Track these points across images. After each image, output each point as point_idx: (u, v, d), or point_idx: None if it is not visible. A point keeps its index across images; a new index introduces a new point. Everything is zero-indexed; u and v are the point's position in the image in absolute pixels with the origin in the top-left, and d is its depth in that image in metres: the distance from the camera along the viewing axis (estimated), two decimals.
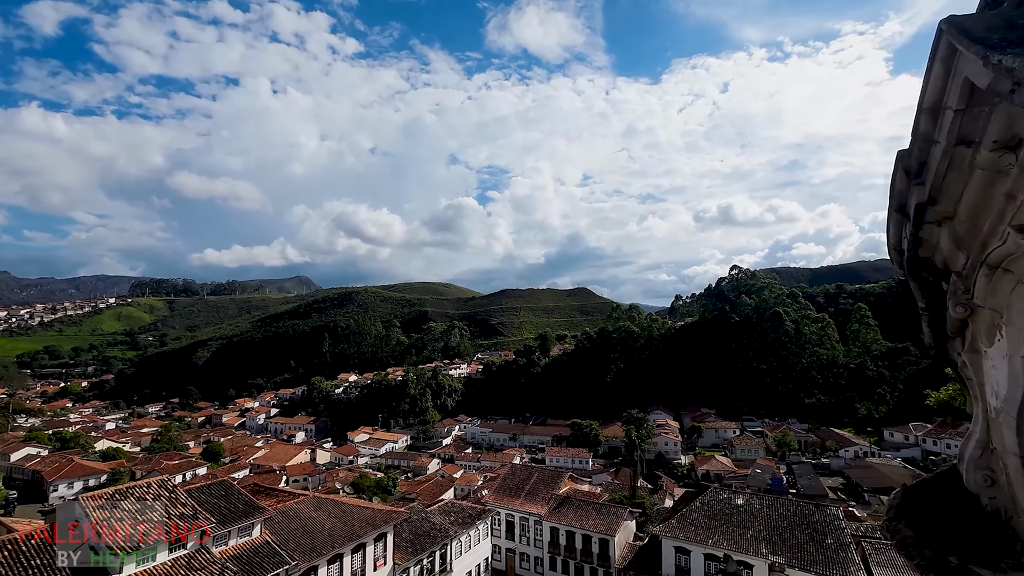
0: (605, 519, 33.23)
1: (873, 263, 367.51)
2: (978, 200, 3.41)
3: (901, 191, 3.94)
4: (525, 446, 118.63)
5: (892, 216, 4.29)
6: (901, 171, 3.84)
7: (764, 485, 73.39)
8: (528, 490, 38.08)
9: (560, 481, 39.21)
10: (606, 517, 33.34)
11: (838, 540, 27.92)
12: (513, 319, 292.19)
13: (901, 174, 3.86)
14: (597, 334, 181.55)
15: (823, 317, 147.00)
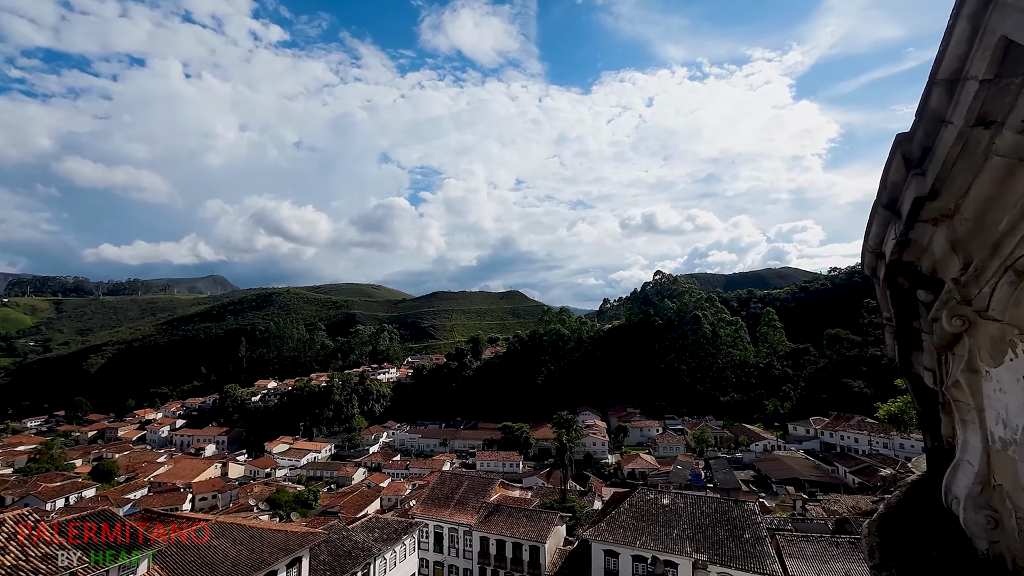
0: (536, 526, 32.81)
1: (777, 271, 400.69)
2: (991, 194, 2.88)
3: (896, 183, 3.40)
4: (456, 451, 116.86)
5: (878, 213, 3.78)
6: (899, 159, 3.29)
7: (685, 481, 76.81)
8: (458, 499, 36.91)
9: (491, 488, 38.38)
10: (537, 524, 32.94)
11: (755, 534, 29.22)
12: (445, 322, 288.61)
13: (899, 162, 3.31)
14: (529, 337, 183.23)
15: (736, 320, 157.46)
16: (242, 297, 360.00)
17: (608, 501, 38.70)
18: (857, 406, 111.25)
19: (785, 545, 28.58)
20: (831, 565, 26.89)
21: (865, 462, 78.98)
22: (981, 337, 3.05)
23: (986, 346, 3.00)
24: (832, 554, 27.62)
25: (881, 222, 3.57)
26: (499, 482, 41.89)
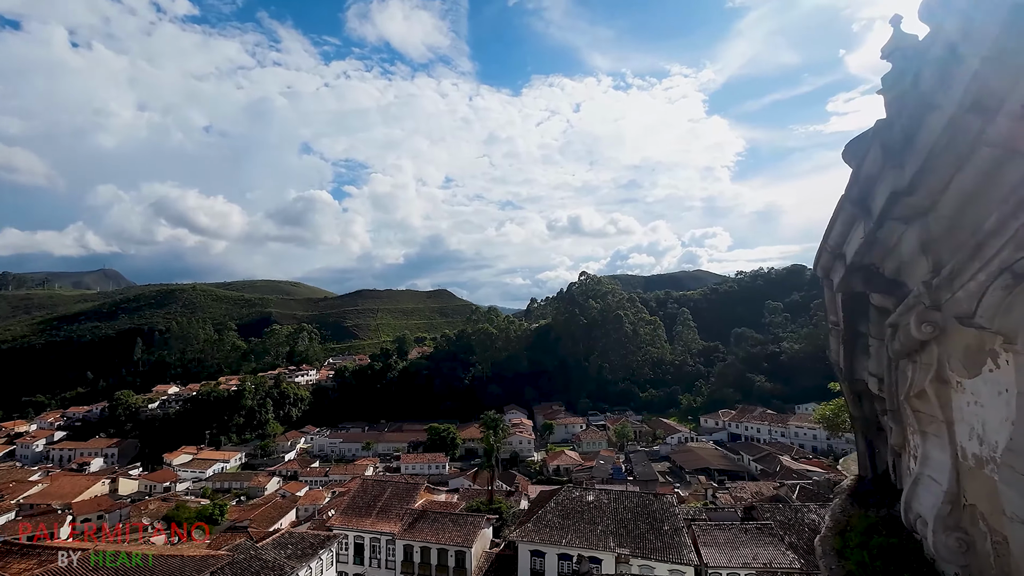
0: (462, 530, 32.12)
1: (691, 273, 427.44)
2: (975, 189, 2.62)
3: (870, 176, 3.08)
4: (379, 455, 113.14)
5: (844, 210, 3.50)
6: (877, 149, 2.97)
7: (607, 474, 79.40)
8: (381, 507, 35.31)
9: (416, 494, 37.14)
10: (463, 528, 32.25)
11: (673, 525, 30.45)
12: (369, 321, 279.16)
13: (876, 153, 2.98)
14: (457, 336, 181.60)
15: (655, 320, 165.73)
16: (139, 294, 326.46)
17: (534, 500, 38.83)
18: (760, 399, 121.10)
19: (700, 534, 30.03)
20: (740, 550, 28.59)
21: (766, 450, 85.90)
22: (952, 345, 2.82)
23: (958, 355, 2.77)
24: (741, 540, 29.40)
25: (847, 220, 3.31)
26: (424, 487, 40.68)
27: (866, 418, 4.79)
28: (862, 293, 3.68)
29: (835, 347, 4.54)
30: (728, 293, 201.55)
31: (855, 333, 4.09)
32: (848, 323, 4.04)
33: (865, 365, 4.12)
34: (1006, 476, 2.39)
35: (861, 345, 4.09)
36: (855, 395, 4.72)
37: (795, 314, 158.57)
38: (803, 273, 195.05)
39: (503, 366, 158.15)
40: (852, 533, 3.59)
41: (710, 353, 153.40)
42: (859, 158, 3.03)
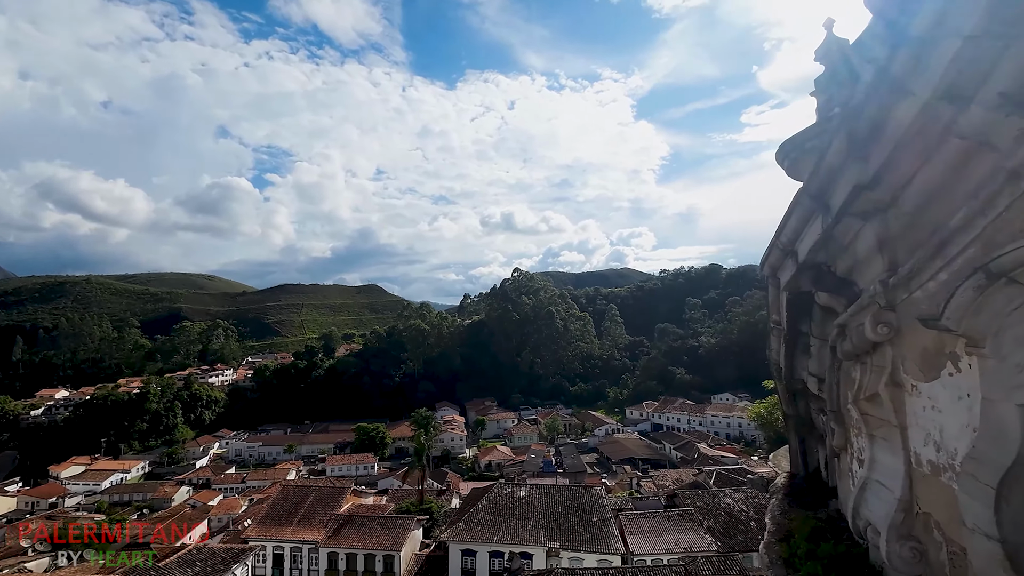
0: (391, 534, 31.07)
1: (619, 271, 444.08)
2: (941, 183, 2.53)
3: (832, 168, 2.88)
4: (303, 457, 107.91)
5: (800, 205, 3.29)
6: (842, 139, 2.82)
7: (537, 468, 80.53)
8: (303, 514, 33.38)
9: (341, 498, 35.49)
10: (392, 531, 31.22)
11: (601, 516, 31.25)
12: (293, 317, 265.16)
13: (840, 144, 2.83)
14: (387, 333, 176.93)
15: (585, 316, 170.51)
16: (19, 287, 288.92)
17: (466, 498, 38.44)
18: (680, 390, 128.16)
19: (627, 523, 31.03)
20: (664, 537, 29.87)
21: (685, 438, 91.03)
22: (908, 347, 2.72)
23: (914, 358, 2.67)
24: (665, 527, 30.72)
25: (803, 215, 3.16)
26: (351, 490, 39.01)
27: (800, 417, 4.83)
28: (807, 292, 3.58)
29: (775, 346, 4.50)
30: (652, 290, 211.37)
31: (796, 333, 4.03)
32: (790, 322, 3.96)
33: (805, 365, 4.09)
34: (967, 486, 2.27)
35: (802, 345, 4.05)
36: (790, 394, 4.75)
37: (712, 310, 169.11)
38: (719, 272, 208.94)
39: (435, 363, 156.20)
40: (797, 539, 3.53)
41: (636, 348, 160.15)
42: (820, 150, 2.83)
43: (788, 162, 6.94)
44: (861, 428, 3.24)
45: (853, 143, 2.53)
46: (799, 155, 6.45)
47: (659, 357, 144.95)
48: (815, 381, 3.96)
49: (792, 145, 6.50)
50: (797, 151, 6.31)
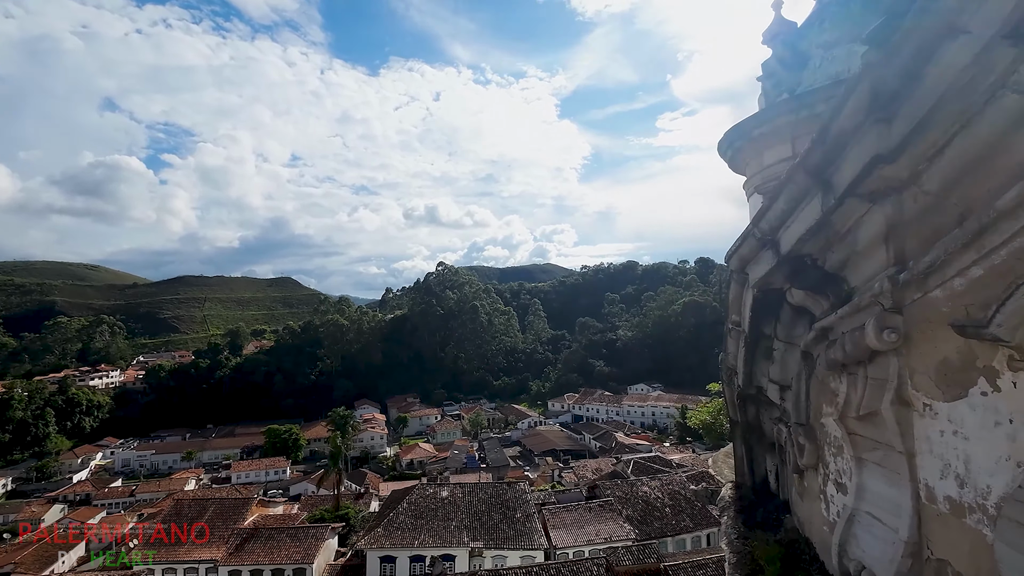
0: (302, 545, 28.89)
1: (542, 266, 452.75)
2: (983, 153, 2.06)
3: (843, 133, 2.33)
4: (205, 464, 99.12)
5: (792, 183, 2.73)
6: (863, 95, 2.24)
7: (461, 464, 79.81)
8: (200, 530, 30.14)
9: (246, 509, 32.55)
10: (303, 542, 29.04)
11: (525, 512, 31.16)
12: (195, 312, 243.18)
13: (859, 101, 2.25)
14: (302, 328, 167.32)
15: (509, 310, 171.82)
16: None
17: (386, 501, 36.84)
18: (599, 382, 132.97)
19: (550, 517, 31.20)
20: (585, 528, 30.35)
21: (604, 429, 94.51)
22: (920, 358, 2.22)
23: (929, 372, 2.18)
24: (586, 518, 31.25)
25: (794, 195, 2.57)
26: (257, 499, 35.98)
27: (749, 423, 4.49)
28: (777, 290, 3.09)
29: (733, 349, 4.07)
30: (574, 285, 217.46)
31: (759, 335, 3.58)
32: (753, 323, 3.50)
33: (766, 371, 3.66)
34: (1008, 534, 1.78)
35: (763, 348, 3.61)
36: (741, 400, 4.38)
37: (629, 305, 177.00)
38: (636, 269, 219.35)
39: (355, 359, 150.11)
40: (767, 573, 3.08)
41: (558, 341, 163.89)
42: (833, 110, 2.23)
43: (732, 151, 6.69)
44: (843, 448, 2.80)
45: (876, 100, 1.98)
46: (744, 143, 6.20)
47: (580, 350, 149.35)
48: (776, 389, 3.55)
49: (738, 133, 6.22)
50: (743, 139, 6.04)
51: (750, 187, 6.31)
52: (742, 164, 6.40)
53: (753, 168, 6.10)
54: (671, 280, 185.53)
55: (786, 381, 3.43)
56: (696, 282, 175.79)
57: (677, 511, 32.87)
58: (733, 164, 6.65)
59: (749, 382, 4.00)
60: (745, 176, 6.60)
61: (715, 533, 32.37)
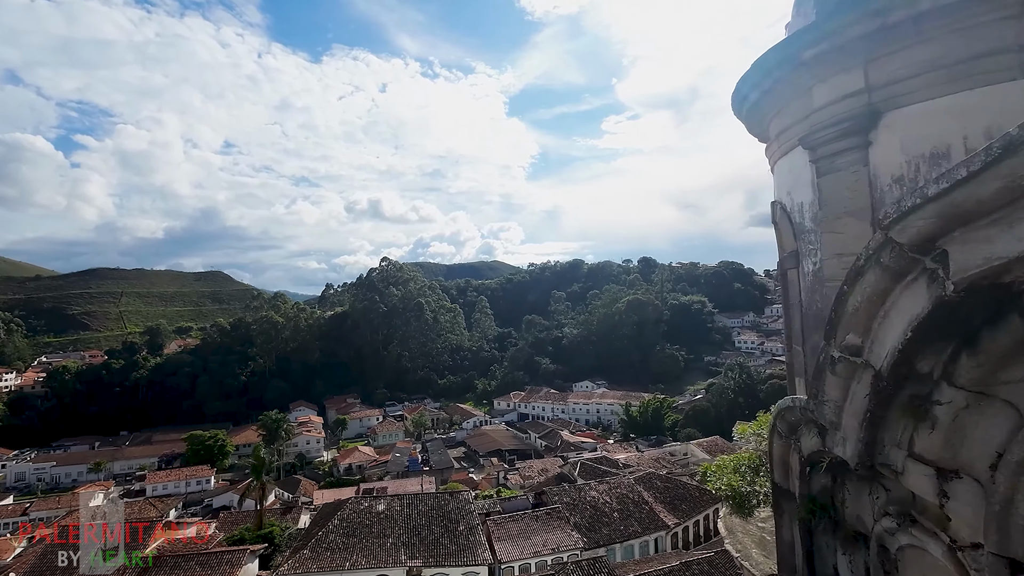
0: (214, 574, 25.50)
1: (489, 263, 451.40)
2: None
3: None
4: (116, 476, 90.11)
5: None
6: None
7: (402, 468, 76.69)
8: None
9: (149, 534, 28.55)
10: (215, 571, 25.61)
11: (468, 524, 29.21)
12: (109, 308, 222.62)
13: None
14: (232, 326, 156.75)
15: (455, 308, 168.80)
16: None
17: (315, 517, 33.72)
18: (545, 379, 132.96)
19: (494, 528, 29.44)
20: (532, 539, 28.83)
21: (549, 427, 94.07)
22: None
23: None
24: (533, 528, 29.74)
25: None
26: (164, 520, 31.87)
27: (815, 501, 2.82)
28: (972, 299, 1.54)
29: (836, 393, 2.36)
30: (521, 283, 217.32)
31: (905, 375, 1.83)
32: (905, 354, 1.74)
33: (906, 440, 1.94)
34: None
35: (908, 401, 1.88)
36: (807, 464, 2.73)
37: (575, 303, 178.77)
38: (582, 267, 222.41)
39: (290, 359, 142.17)
40: None
41: (504, 339, 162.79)
42: None
43: (759, 93, 4.84)
44: None
45: None
46: (784, 76, 4.45)
47: (526, 348, 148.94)
48: (929, 475, 1.84)
49: (776, 61, 4.36)
50: (784, 68, 4.15)
51: (783, 145, 4.70)
52: (770, 112, 4.78)
53: (791, 116, 4.47)
54: (615, 279, 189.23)
55: (956, 463, 1.76)
56: (639, 281, 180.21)
57: (625, 516, 32.05)
58: (754, 115, 5.02)
59: (868, 452, 2.29)
60: (771, 134, 4.99)
61: (662, 537, 31.88)
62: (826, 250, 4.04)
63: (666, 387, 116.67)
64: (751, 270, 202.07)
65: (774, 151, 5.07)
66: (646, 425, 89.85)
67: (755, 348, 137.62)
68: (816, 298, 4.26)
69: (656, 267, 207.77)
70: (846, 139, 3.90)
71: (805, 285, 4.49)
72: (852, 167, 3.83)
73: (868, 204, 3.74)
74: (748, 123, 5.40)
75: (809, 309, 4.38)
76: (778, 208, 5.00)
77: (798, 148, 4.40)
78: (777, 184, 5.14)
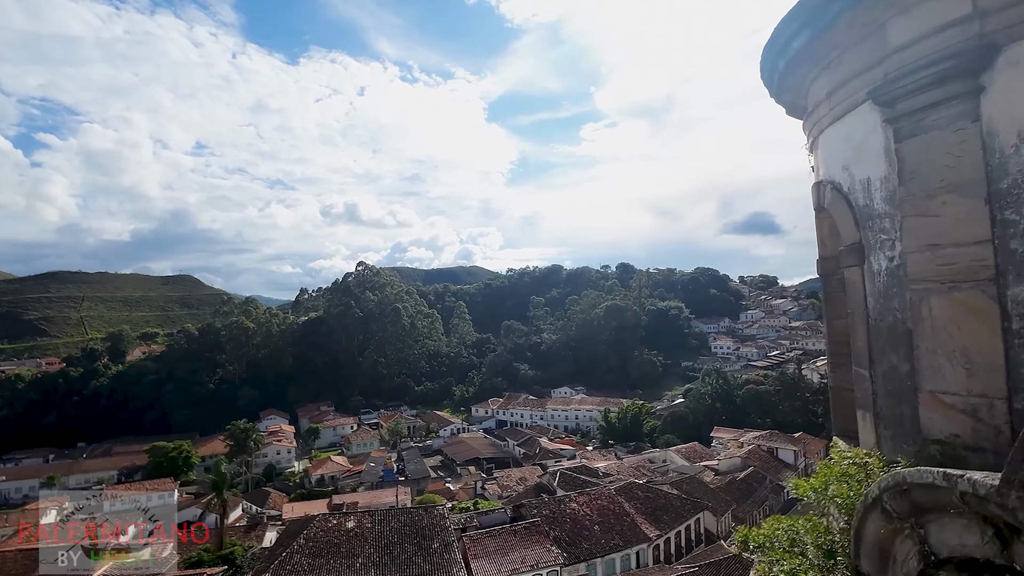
0: None
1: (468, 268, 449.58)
2: None
3: None
4: (71, 490, 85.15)
5: None
6: None
7: (377, 478, 74.42)
8: None
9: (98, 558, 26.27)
10: None
11: (443, 541, 27.79)
12: (69, 313, 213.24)
13: None
14: (201, 331, 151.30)
15: (433, 313, 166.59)
16: None
17: (281, 536, 31.79)
18: (523, 385, 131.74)
19: (471, 545, 28.09)
20: (510, 556, 27.57)
21: (528, 434, 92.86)
22: None
23: None
24: (511, 543, 28.47)
25: None
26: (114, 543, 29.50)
27: None
28: None
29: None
30: (500, 288, 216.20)
31: None
32: None
33: None
34: None
35: None
36: (928, 562, 1.67)
37: (554, 308, 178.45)
38: (561, 272, 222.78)
39: (262, 365, 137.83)
40: None
41: (483, 345, 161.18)
42: None
43: (808, 36, 3.51)
44: None
45: None
46: (829, 24, 3.37)
47: (504, 354, 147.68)
48: None
49: (814, 7, 3.37)
50: (826, 15, 3.07)
51: (836, 107, 3.59)
52: (818, 65, 3.68)
53: (852, 64, 3.39)
54: (594, 284, 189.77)
55: None
56: (617, 286, 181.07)
57: (606, 528, 31.04)
58: (793, 72, 3.92)
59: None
60: (814, 97, 3.88)
61: (644, 550, 30.96)
62: (911, 240, 3.04)
63: (644, 393, 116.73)
64: (726, 276, 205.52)
65: (820, 118, 4.03)
66: (625, 431, 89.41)
67: (731, 353, 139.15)
68: (893, 306, 3.25)
69: (634, 273, 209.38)
70: (945, 86, 2.88)
71: (874, 288, 3.49)
72: (954, 124, 2.83)
73: (981, 175, 2.73)
74: (781, 85, 4.34)
75: (881, 320, 3.35)
76: (827, 190, 3.96)
77: (863, 107, 3.39)
78: (824, 160, 4.11)
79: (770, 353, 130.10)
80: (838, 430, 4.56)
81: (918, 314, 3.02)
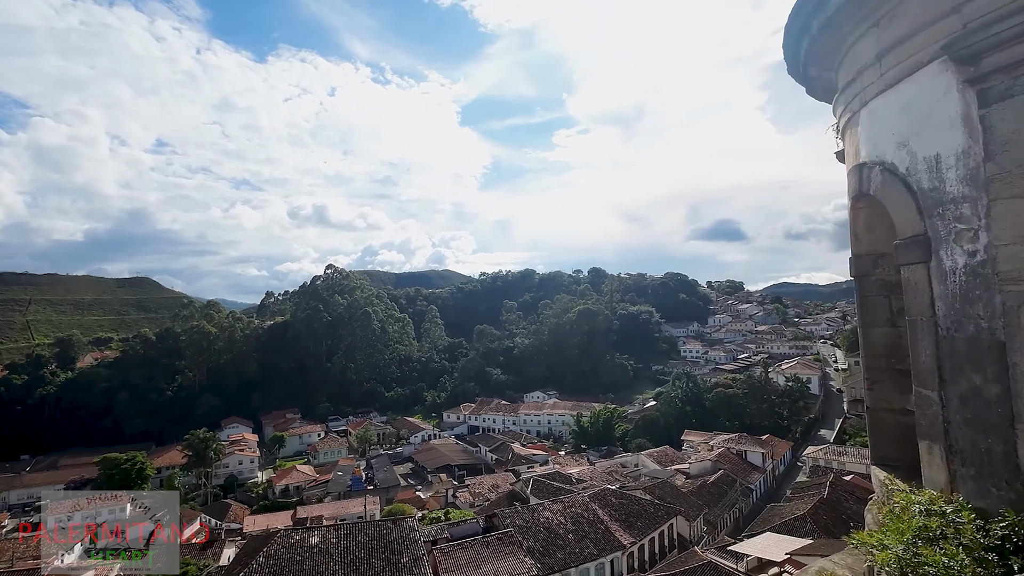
0: None
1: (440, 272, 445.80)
2: None
3: None
4: (12, 507, 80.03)
5: None
6: None
7: (345, 488, 72.20)
8: None
9: None
10: None
11: (413, 554, 26.68)
12: (14, 317, 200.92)
13: None
14: (159, 336, 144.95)
15: (404, 317, 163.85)
16: None
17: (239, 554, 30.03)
18: (496, 390, 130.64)
19: (442, 558, 27.07)
20: (482, 568, 26.67)
21: (500, 439, 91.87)
22: None
23: None
24: (483, 556, 27.57)
25: None
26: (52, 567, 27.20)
27: None
28: None
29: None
30: (472, 292, 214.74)
31: None
32: None
33: None
34: None
35: None
36: None
37: (526, 312, 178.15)
38: (533, 276, 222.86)
39: (224, 371, 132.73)
40: None
41: (455, 349, 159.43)
42: None
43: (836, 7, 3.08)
44: None
45: None
46: None
47: (477, 358, 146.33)
48: None
49: None
50: None
51: (888, 73, 2.97)
52: (865, 22, 3.05)
53: (913, 18, 2.77)
54: (566, 288, 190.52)
55: None
56: (589, 291, 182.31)
57: (580, 537, 30.47)
58: (829, 36, 3.28)
59: None
60: (856, 64, 3.24)
61: (618, 558, 30.51)
62: (1004, 229, 2.46)
63: (616, 396, 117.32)
64: (695, 281, 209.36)
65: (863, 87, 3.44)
66: (597, 435, 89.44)
67: (700, 357, 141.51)
68: (976, 312, 2.69)
69: (606, 277, 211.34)
70: None
71: (946, 291, 2.90)
72: None
73: None
74: (810, 54, 3.69)
75: (957, 330, 2.75)
76: (875, 173, 3.34)
77: (930, 67, 2.81)
78: (869, 138, 3.53)
79: (738, 356, 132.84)
80: (877, 458, 3.98)
81: (1014, 323, 2.49)
